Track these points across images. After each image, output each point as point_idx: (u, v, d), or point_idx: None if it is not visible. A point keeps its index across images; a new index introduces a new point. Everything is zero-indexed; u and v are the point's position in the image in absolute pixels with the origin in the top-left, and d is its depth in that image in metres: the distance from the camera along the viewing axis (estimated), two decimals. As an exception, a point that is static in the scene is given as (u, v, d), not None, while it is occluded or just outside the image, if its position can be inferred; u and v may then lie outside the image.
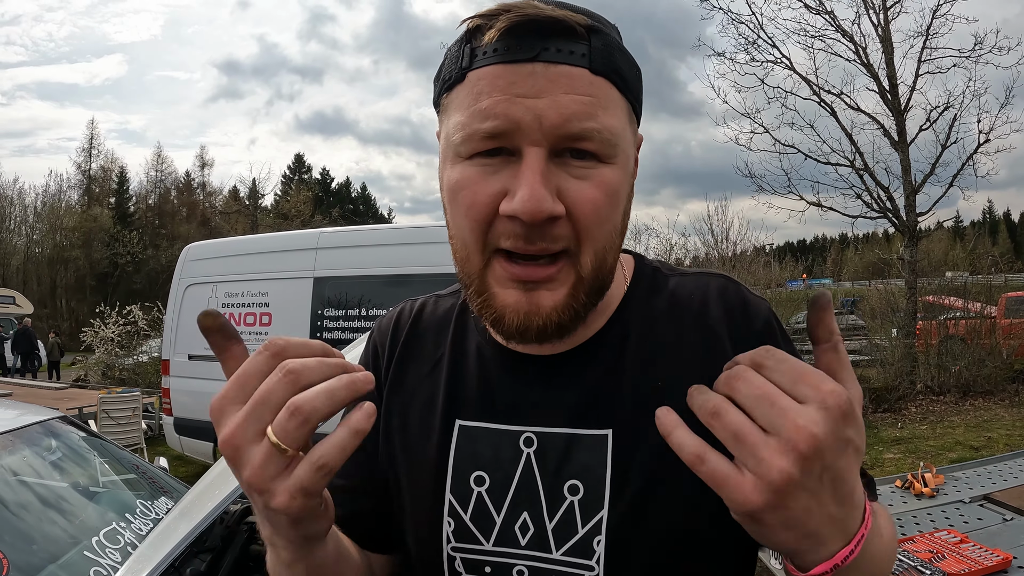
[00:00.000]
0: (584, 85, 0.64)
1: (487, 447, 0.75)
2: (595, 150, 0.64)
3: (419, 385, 0.83)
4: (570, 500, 0.71)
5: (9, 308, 23.26)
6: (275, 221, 40.42)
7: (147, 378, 13.28)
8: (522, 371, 0.77)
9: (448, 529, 0.74)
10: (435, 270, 6.06)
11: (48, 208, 43.77)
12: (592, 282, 0.68)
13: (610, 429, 0.72)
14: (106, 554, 2.09)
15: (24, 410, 2.96)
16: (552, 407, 0.74)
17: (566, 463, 0.72)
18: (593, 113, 0.63)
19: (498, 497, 0.73)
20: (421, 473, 0.78)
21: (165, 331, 7.29)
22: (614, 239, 0.69)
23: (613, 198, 0.67)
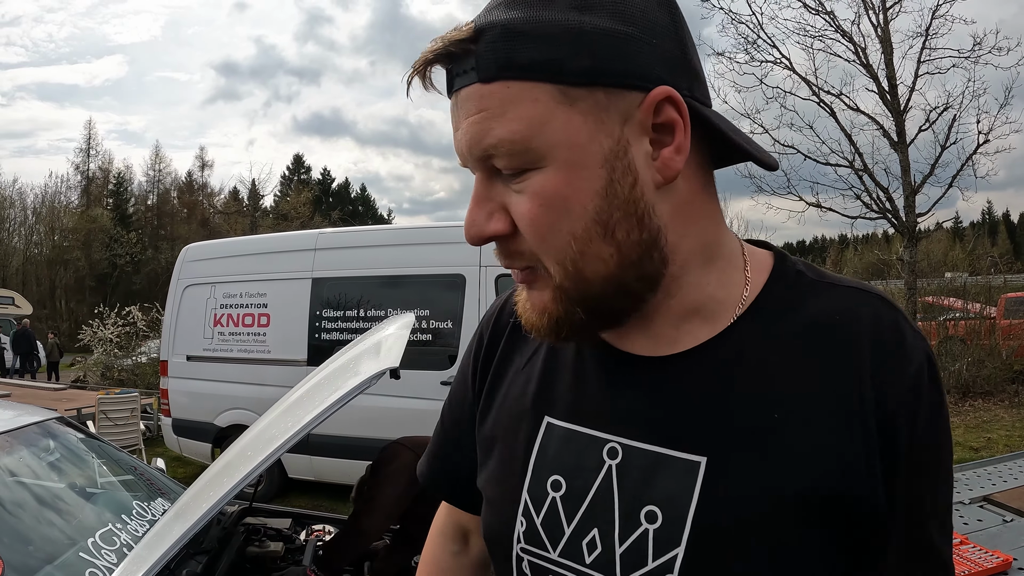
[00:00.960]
0: (475, 102, 0.60)
1: (570, 451, 0.70)
2: (506, 165, 0.61)
3: (517, 376, 0.80)
4: (645, 528, 0.63)
5: (8, 309, 23.23)
6: (275, 222, 40.41)
7: (146, 379, 13.27)
8: (616, 371, 0.70)
9: (520, 528, 0.71)
10: (434, 271, 6.06)
11: (47, 209, 43.76)
12: (575, 292, 0.63)
13: (705, 457, 0.62)
14: (102, 555, 2.08)
15: (21, 411, 2.95)
16: (643, 418, 0.66)
17: (647, 485, 0.64)
18: (486, 129, 0.60)
19: (571, 506, 0.68)
20: (505, 467, 0.76)
21: (163, 332, 7.29)
22: (581, 247, 0.61)
23: (551, 206, 0.60)
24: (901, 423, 0.61)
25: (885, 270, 14.70)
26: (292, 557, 2.60)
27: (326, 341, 6.20)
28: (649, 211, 0.62)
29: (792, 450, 0.60)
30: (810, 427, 0.60)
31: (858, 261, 39.74)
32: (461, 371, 0.90)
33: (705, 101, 0.65)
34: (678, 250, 0.65)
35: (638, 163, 0.61)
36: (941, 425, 0.64)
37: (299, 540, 2.77)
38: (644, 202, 0.62)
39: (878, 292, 0.68)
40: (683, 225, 0.65)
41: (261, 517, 2.86)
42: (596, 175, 0.60)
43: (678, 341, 0.67)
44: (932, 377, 0.63)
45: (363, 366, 2.28)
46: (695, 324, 0.67)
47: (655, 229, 0.62)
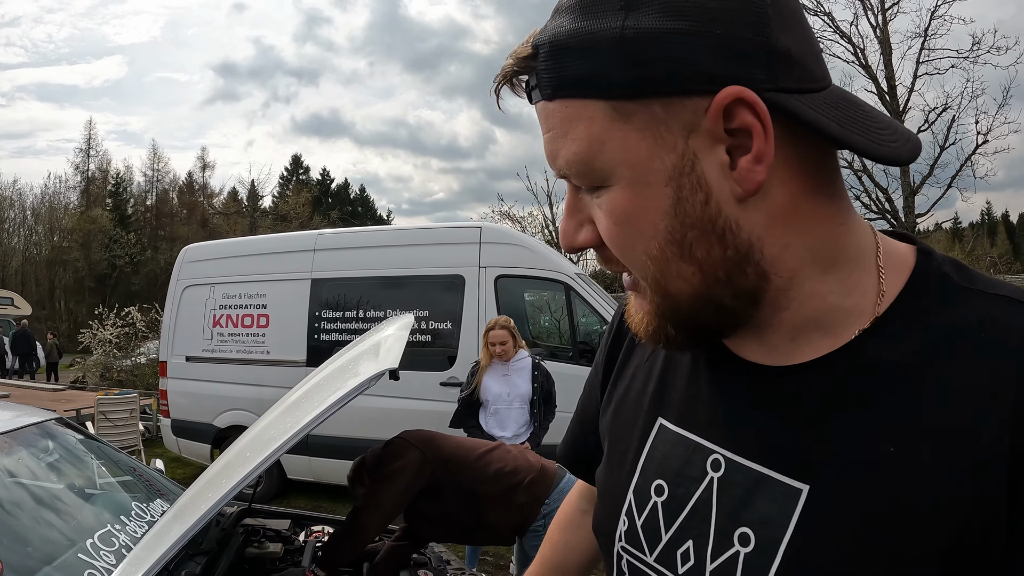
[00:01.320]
0: (544, 120, 0.60)
1: (676, 457, 0.67)
2: (582, 183, 0.60)
3: (638, 372, 0.79)
4: (736, 549, 0.59)
5: (8, 309, 23.20)
6: (274, 223, 40.41)
7: (145, 380, 13.26)
8: (730, 377, 0.65)
9: (622, 527, 0.71)
10: (433, 272, 6.07)
11: (47, 209, 43.76)
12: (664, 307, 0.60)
13: (808, 485, 0.56)
14: (100, 556, 2.08)
15: (20, 411, 2.94)
16: (749, 431, 0.61)
17: (744, 505, 0.59)
18: (555, 150, 0.59)
19: (671, 514, 0.66)
20: (616, 464, 0.76)
21: (163, 333, 7.28)
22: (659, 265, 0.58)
23: (624, 224, 0.58)
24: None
25: (884, 270, 14.71)
26: (291, 558, 2.60)
27: (325, 342, 6.20)
28: (731, 226, 0.55)
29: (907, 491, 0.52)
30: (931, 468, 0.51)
31: (857, 261, 39.76)
32: (595, 360, 0.92)
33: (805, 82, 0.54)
34: (782, 262, 0.57)
35: (710, 177, 0.55)
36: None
37: (298, 541, 2.77)
38: (723, 217, 0.55)
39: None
40: (784, 235, 0.57)
41: (260, 518, 2.86)
42: (661, 194, 0.55)
43: (795, 353, 0.60)
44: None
45: (362, 367, 2.28)
46: (815, 336, 0.59)
47: (743, 244, 0.56)
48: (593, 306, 5.89)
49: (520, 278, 6.08)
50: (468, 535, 3.01)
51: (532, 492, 2.80)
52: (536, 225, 16.75)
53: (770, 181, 0.55)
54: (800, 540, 0.55)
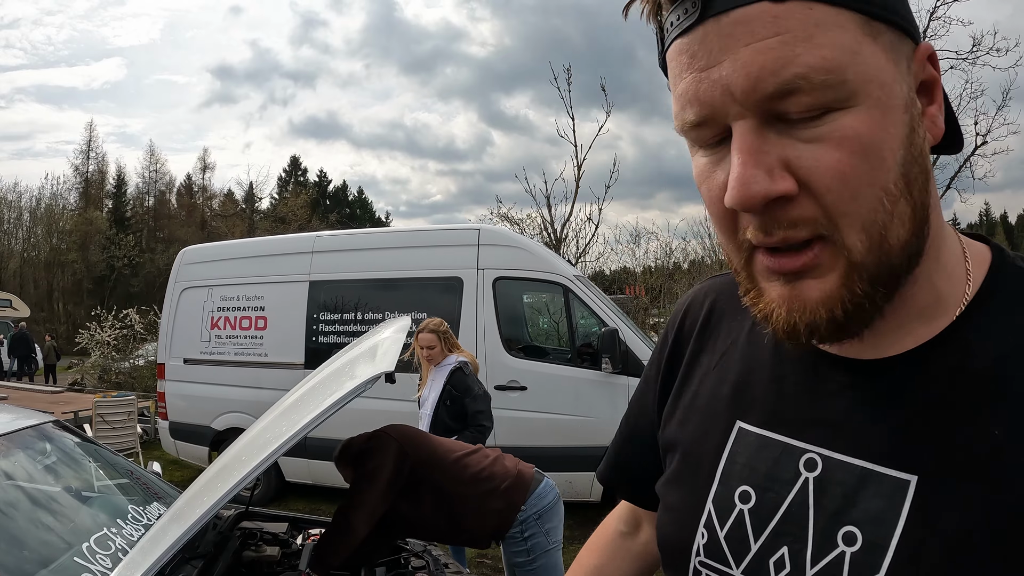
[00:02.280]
0: (767, 25, 0.49)
1: (762, 460, 0.64)
2: (815, 102, 0.50)
3: (707, 376, 0.74)
4: (842, 550, 0.56)
5: (6, 311, 23.16)
6: (272, 225, 40.39)
7: (143, 382, 13.25)
8: (820, 374, 0.63)
9: (700, 541, 0.66)
10: (431, 274, 6.06)
11: (45, 211, 43.73)
12: (875, 267, 0.53)
13: (916, 476, 0.54)
14: (97, 560, 2.07)
15: (17, 414, 2.94)
16: (848, 428, 0.59)
17: (849, 503, 0.57)
18: (789, 56, 0.49)
19: (760, 521, 0.62)
20: (689, 473, 0.71)
21: (160, 335, 7.27)
22: (890, 207, 0.52)
23: (867, 154, 0.50)
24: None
25: (883, 272, 14.74)
26: (289, 561, 2.59)
27: (323, 344, 6.20)
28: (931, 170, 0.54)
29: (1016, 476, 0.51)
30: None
31: (856, 263, 39.82)
32: (645, 374, 0.88)
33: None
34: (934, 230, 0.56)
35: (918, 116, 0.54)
36: None
37: (296, 544, 2.76)
38: (928, 159, 0.54)
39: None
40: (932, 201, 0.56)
41: (257, 521, 2.85)
42: (901, 120, 0.52)
43: (894, 343, 0.59)
44: None
45: (359, 370, 2.28)
46: (916, 326, 0.58)
47: (931, 193, 0.55)
48: (592, 308, 5.88)
49: (518, 280, 6.08)
50: (443, 536, 3.01)
51: (508, 497, 2.79)
52: (535, 227, 16.75)
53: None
54: (912, 532, 0.53)
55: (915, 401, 0.57)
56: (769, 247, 0.54)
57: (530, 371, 5.73)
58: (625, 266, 20.82)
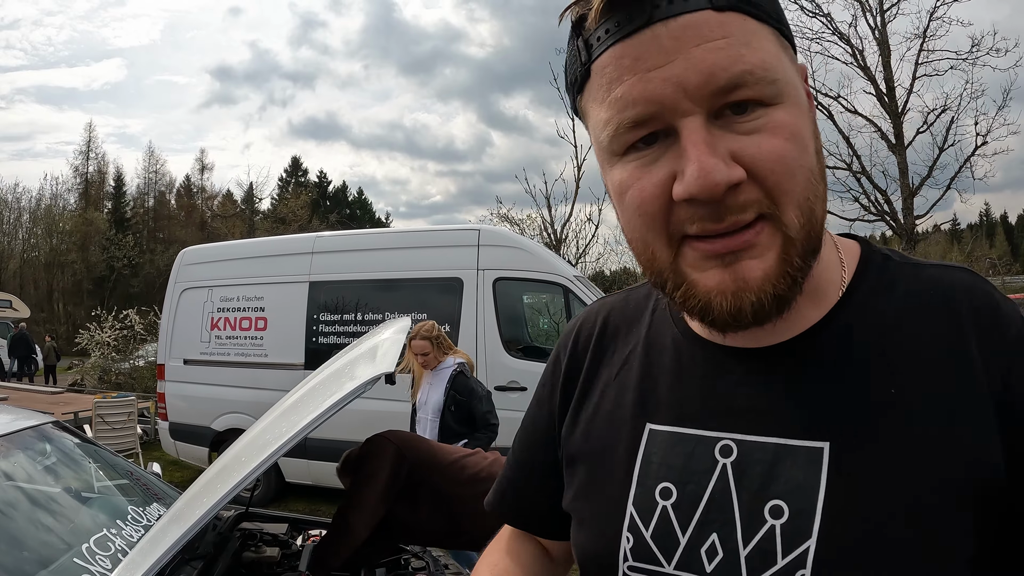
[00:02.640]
0: (714, 29, 0.55)
1: (678, 455, 0.66)
2: (755, 96, 0.56)
3: (608, 387, 0.76)
4: (771, 524, 0.60)
5: (6, 312, 23.16)
6: (272, 225, 40.39)
7: (143, 382, 13.24)
8: (723, 367, 0.67)
9: (626, 546, 0.67)
10: (431, 274, 6.06)
11: (45, 211, 43.73)
12: (805, 241, 0.59)
13: (827, 442, 0.59)
14: (96, 561, 2.07)
15: (17, 415, 2.94)
16: (757, 411, 0.64)
17: (770, 479, 0.61)
18: (736, 55, 0.55)
19: (685, 514, 0.64)
20: (603, 483, 0.72)
21: (160, 335, 7.26)
22: (815, 184, 0.59)
23: (797, 141, 0.57)
24: (1016, 386, 0.58)
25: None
26: (288, 562, 2.59)
27: (323, 345, 6.19)
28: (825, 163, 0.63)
29: (913, 425, 0.58)
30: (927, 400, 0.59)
31: (856, 263, 39.84)
32: (536, 397, 0.88)
33: None
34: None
35: None
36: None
37: (296, 545, 2.76)
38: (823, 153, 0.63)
39: (964, 266, 0.69)
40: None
41: (257, 522, 2.85)
42: (809, 117, 0.61)
43: (786, 329, 0.64)
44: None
45: (359, 370, 2.27)
46: (804, 310, 0.64)
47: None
48: (592, 308, 5.87)
49: (519, 281, 6.07)
50: (443, 539, 3.00)
51: None
52: (535, 228, 16.77)
53: None
54: (834, 493, 0.58)
55: (814, 376, 0.63)
56: (714, 234, 0.58)
57: (530, 372, 5.72)
58: (625, 267, 20.86)
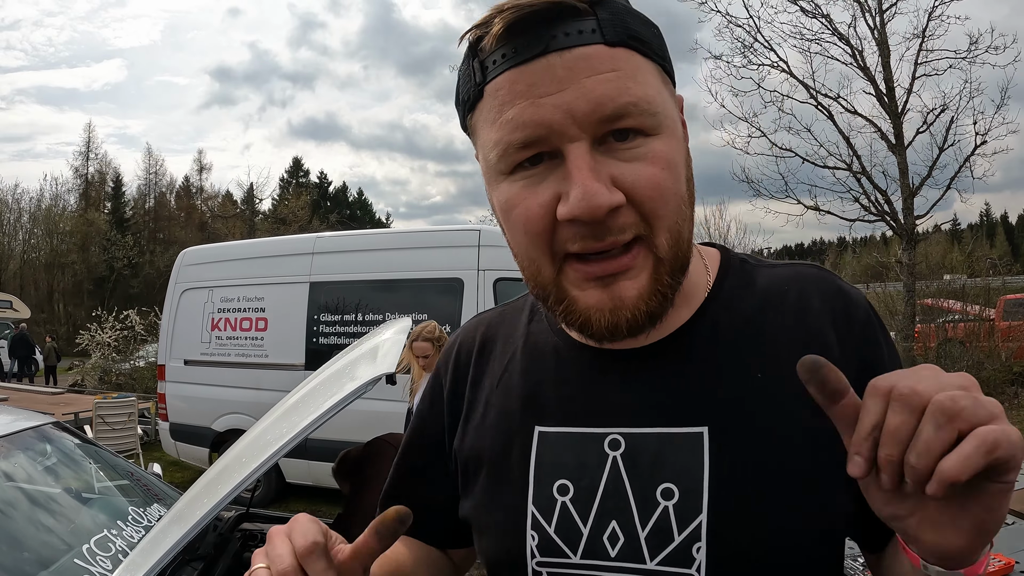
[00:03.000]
0: (605, 62, 0.60)
1: (569, 454, 0.71)
2: (637, 125, 0.61)
3: (492, 396, 0.80)
4: (664, 505, 0.65)
5: (6, 312, 23.18)
6: (273, 226, 40.38)
7: (144, 383, 13.25)
8: (603, 368, 0.73)
9: (532, 544, 0.70)
10: (431, 275, 6.05)
11: (45, 212, 43.73)
12: (672, 261, 0.65)
13: (705, 426, 0.66)
14: (97, 561, 2.07)
15: (17, 415, 2.93)
16: (639, 405, 0.69)
17: (659, 465, 0.66)
18: (624, 88, 0.60)
19: (583, 506, 0.68)
20: (501, 488, 0.75)
21: (161, 336, 7.26)
22: (684, 210, 0.65)
23: (671, 169, 0.63)
24: (869, 357, 0.69)
25: (884, 272, 14.72)
26: (289, 563, 2.58)
27: (324, 345, 6.19)
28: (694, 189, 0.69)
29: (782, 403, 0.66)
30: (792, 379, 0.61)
31: (856, 264, 39.79)
32: (420, 411, 0.90)
33: None
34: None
35: None
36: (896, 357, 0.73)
37: (296, 545, 2.75)
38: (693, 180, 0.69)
39: (812, 263, 0.79)
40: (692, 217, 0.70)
41: (258, 523, 2.84)
42: (683, 147, 0.67)
43: (659, 330, 0.70)
44: (877, 319, 0.74)
45: (360, 371, 2.26)
46: (676, 312, 0.71)
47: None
48: (592, 309, 5.87)
49: (519, 281, 5.99)
50: None
51: None
52: (535, 228, 16.78)
53: None
54: (718, 471, 0.65)
55: (687, 369, 0.69)
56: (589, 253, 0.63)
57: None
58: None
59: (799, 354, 0.62)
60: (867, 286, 17.01)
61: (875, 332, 0.71)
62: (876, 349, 0.70)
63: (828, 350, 0.66)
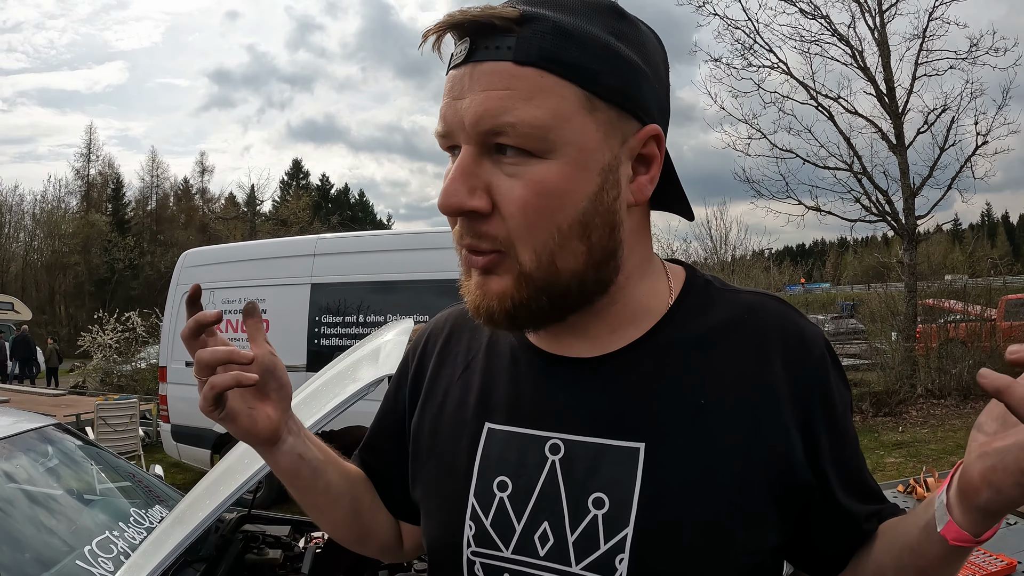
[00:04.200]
0: (503, 79, 0.63)
1: (513, 452, 0.73)
2: (516, 144, 0.63)
3: (451, 387, 0.83)
4: (594, 513, 0.68)
5: (8, 314, 23.20)
6: (274, 227, 40.40)
7: (145, 385, 13.25)
8: (552, 373, 0.75)
9: (469, 533, 0.73)
10: (433, 276, 6.04)
11: (46, 214, 43.77)
12: (543, 282, 0.66)
13: (643, 443, 0.68)
14: (98, 563, 2.07)
15: (19, 417, 2.94)
16: (582, 413, 0.72)
17: (593, 474, 0.69)
18: (508, 107, 0.62)
19: (519, 504, 0.71)
20: (447, 476, 0.78)
21: (162, 338, 7.27)
22: (561, 241, 0.65)
23: (547, 196, 0.64)
24: (816, 401, 0.70)
25: (885, 273, 14.71)
26: (291, 565, 2.58)
27: (325, 347, 6.18)
28: (619, 224, 0.69)
29: (721, 431, 0.68)
30: (734, 409, 0.68)
31: (857, 264, 39.76)
32: (387, 394, 0.95)
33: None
34: (627, 264, 0.72)
35: (622, 181, 0.68)
36: (847, 397, 0.75)
37: (298, 547, 2.75)
38: (618, 215, 0.68)
39: (775, 295, 0.80)
40: (633, 243, 0.72)
41: (260, 524, 2.84)
42: (592, 180, 0.66)
43: (611, 344, 0.73)
44: (833, 358, 0.74)
45: (361, 372, 2.27)
46: (628, 329, 0.74)
47: (618, 241, 0.69)
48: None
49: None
50: None
51: None
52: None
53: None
54: (648, 488, 0.66)
55: (633, 384, 0.71)
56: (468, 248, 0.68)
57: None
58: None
59: (747, 384, 0.70)
60: (868, 286, 16.93)
61: (826, 375, 0.72)
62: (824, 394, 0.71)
63: (773, 387, 0.69)
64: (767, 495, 0.67)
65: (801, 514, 0.70)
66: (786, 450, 0.68)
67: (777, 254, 25.71)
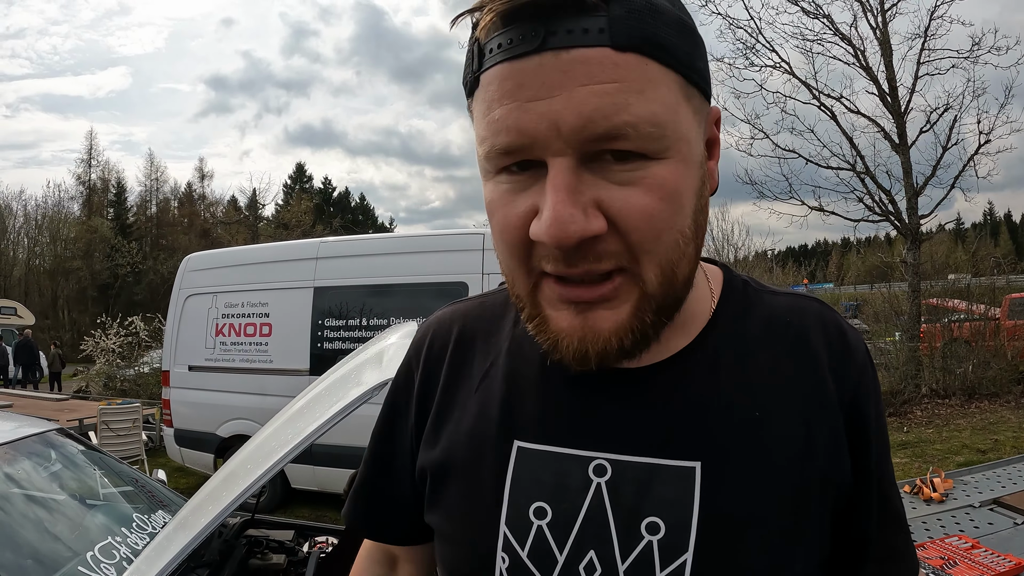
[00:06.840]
0: (606, 70, 0.51)
1: (550, 474, 0.65)
2: (636, 148, 0.53)
3: (468, 401, 0.73)
4: (648, 540, 0.61)
5: (11, 319, 23.26)
6: (276, 231, 40.44)
7: (148, 389, 13.24)
8: (595, 385, 0.66)
9: (502, 566, 0.65)
10: (436, 279, 6.04)
11: (49, 219, 43.86)
12: (662, 298, 0.58)
13: (699, 461, 0.62)
14: (101, 569, 2.06)
15: (22, 422, 2.94)
16: (630, 430, 0.64)
17: (645, 497, 0.62)
18: (623, 103, 0.51)
19: (561, 533, 0.63)
20: (471, 501, 0.69)
21: (165, 342, 7.27)
22: (683, 247, 0.58)
23: (672, 201, 0.55)
24: (863, 405, 0.67)
25: (888, 273, 14.67)
26: (295, 570, 2.57)
27: (328, 350, 6.18)
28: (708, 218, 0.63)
29: (776, 444, 0.63)
30: (789, 419, 0.64)
31: (861, 264, 39.71)
32: (388, 407, 0.85)
33: None
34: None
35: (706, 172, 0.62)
36: (883, 406, 0.71)
37: (302, 552, 2.75)
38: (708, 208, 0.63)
39: (814, 296, 0.76)
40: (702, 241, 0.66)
41: (263, 529, 2.83)
42: (696, 175, 0.59)
43: (657, 353, 0.66)
44: (872, 364, 0.71)
45: (365, 376, 2.26)
46: (675, 337, 0.67)
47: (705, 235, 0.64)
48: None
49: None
50: None
51: None
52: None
53: None
54: (708, 509, 0.61)
55: (683, 398, 0.64)
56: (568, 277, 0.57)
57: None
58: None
59: (796, 393, 0.65)
60: (872, 286, 16.89)
61: (869, 381, 0.69)
62: (867, 398, 0.68)
63: (822, 396, 0.66)
64: (820, 510, 0.64)
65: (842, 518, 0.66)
66: (838, 461, 0.65)
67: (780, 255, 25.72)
